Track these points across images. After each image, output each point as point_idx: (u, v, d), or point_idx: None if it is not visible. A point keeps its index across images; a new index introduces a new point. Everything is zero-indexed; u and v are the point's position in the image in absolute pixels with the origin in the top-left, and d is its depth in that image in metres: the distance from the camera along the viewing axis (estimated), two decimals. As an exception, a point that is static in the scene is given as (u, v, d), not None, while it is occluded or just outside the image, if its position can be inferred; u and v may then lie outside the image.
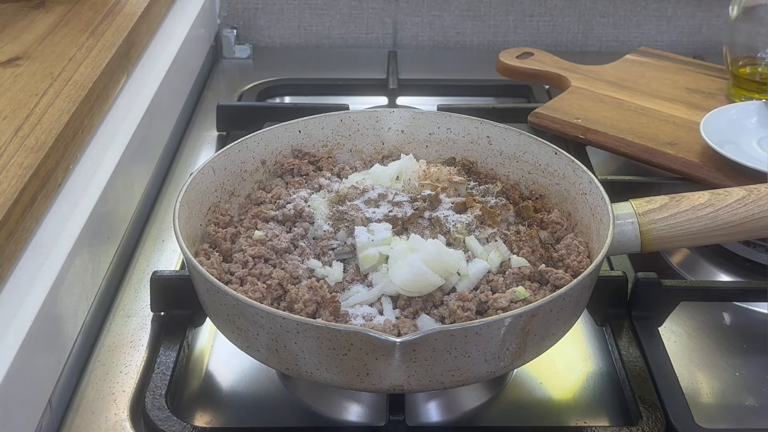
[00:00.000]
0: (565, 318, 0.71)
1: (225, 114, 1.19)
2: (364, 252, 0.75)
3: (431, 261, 0.71)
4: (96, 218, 0.83)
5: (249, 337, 0.69)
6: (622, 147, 1.04)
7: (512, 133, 0.89)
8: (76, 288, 0.78)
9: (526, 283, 0.74)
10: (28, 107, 0.86)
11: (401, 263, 0.72)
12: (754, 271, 0.92)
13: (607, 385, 0.79)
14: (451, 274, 0.73)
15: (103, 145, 0.92)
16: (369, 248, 0.75)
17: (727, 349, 0.83)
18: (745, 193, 0.78)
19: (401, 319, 0.71)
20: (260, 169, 0.89)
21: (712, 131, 0.99)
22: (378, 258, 0.74)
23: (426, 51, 1.49)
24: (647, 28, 1.47)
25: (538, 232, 0.80)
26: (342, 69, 1.39)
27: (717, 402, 0.78)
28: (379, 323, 0.70)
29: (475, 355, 0.66)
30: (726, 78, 1.18)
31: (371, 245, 0.75)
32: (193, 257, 0.72)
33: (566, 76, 1.20)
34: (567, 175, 0.84)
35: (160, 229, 0.99)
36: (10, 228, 0.70)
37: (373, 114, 0.93)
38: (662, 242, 0.78)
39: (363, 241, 0.75)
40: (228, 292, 0.67)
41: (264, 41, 1.49)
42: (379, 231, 0.76)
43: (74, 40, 1.02)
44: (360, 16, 1.48)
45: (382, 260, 0.75)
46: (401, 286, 0.71)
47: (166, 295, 0.83)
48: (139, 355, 0.80)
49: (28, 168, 0.76)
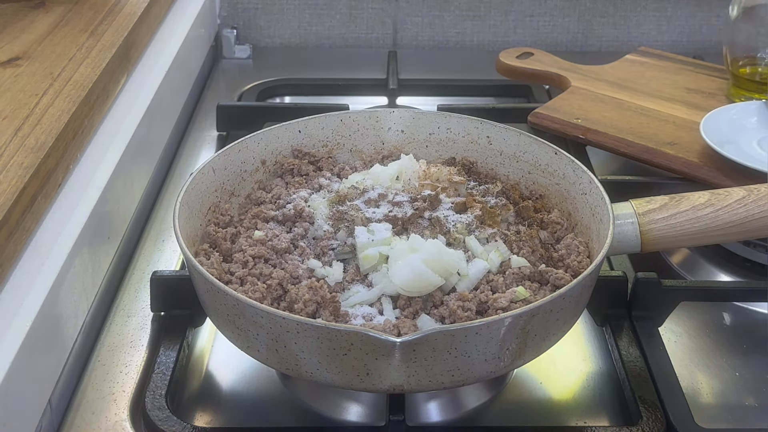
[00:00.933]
0: (565, 318, 0.71)
1: (225, 114, 1.19)
2: (364, 252, 0.75)
3: (431, 261, 0.71)
4: (96, 218, 0.83)
5: (249, 337, 0.69)
6: (622, 147, 1.04)
7: (512, 133, 0.89)
8: (76, 288, 0.78)
9: (526, 283, 0.74)
10: (28, 107, 0.86)
11: (401, 263, 0.72)
12: (754, 271, 0.92)
13: (607, 385, 0.79)
14: (451, 274, 0.73)
15: (103, 145, 0.92)
16: (369, 248, 0.75)
17: (727, 349, 0.83)
18: (745, 193, 0.78)
19: (401, 319, 0.71)
20: (260, 169, 0.88)
21: (712, 131, 0.99)
22: (378, 258, 0.74)
23: (426, 51, 1.49)
24: (647, 28, 1.47)
25: (538, 232, 0.80)
26: (342, 69, 1.39)
27: (717, 402, 0.78)
28: (379, 323, 0.70)
29: (475, 355, 0.66)
30: (726, 78, 1.17)
31: (371, 245, 0.75)
32: (193, 257, 0.72)
33: (566, 76, 1.20)
34: (567, 175, 0.84)
35: (160, 229, 0.99)
36: (10, 228, 0.70)
37: (373, 114, 0.93)
38: (662, 242, 0.78)
39: (363, 241, 0.75)
40: (228, 292, 0.67)
41: (264, 41, 1.49)
42: (379, 231, 0.76)
43: (74, 40, 1.02)
44: (360, 16, 1.48)
45: (382, 260, 0.75)
46: (401, 286, 0.71)
47: (166, 295, 0.83)
48: (139, 355, 0.80)
49: (28, 168, 0.76)
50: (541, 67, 1.23)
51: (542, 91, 1.29)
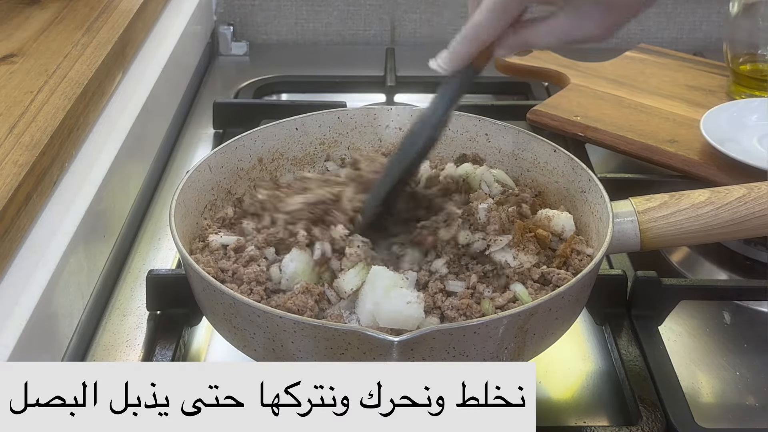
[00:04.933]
0: (564, 317, 0.71)
1: (221, 111, 1.19)
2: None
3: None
4: (91, 216, 0.83)
5: (245, 337, 0.68)
6: (622, 144, 1.04)
7: (511, 130, 0.89)
8: (72, 287, 0.78)
9: (528, 282, 0.73)
10: (23, 105, 0.85)
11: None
12: (754, 269, 0.92)
13: (606, 385, 0.79)
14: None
15: (98, 143, 0.91)
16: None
17: (727, 349, 0.83)
18: (746, 191, 0.77)
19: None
20: (257, 167, 0.88)
21: (713, 129, 0.99)
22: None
23: (424, 48, 1.48)
24: (647, 25, 1.47)
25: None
26: (339, 66, 1.39)
27: (717, 402, 0.77)
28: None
29: (473, 354, 0.65)
30: (726, 75, 1.17)
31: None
32: (190, 255, 0.71)
33: (565, 73, 1.20)
34: (566, 173, 0.83)
35: (156, 227, 0.99)
36: (5, 226, 0.70)
37: (370, 111, 0.93)
38: (662, 240, 0.78)
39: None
40: (225, 291, 0.67)
41: (261, 38, 1.49)
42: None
43: (69, 37, 1.01)
44: (357, 12, 1.47)
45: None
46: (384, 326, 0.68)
47: (162, 294, 0.82)
48: (135, 355, 0.80)
49: (23, 166, 0.75)
50: (540, 64, 1.23)
51: (541, 89, 1.28)
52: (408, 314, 0.66)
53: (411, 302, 0.67)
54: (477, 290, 0.72)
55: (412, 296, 0.68)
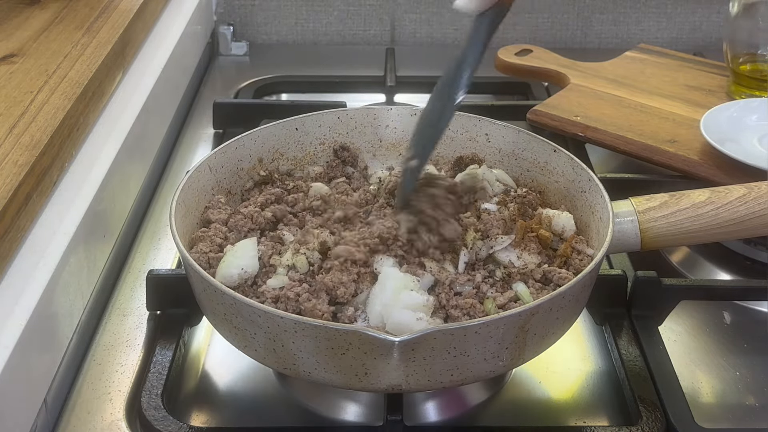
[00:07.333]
0: (564, 317, 0.70)
1: (221, 111, 1.19)
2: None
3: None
4: (91, 216, 0.83)
5: (246, 337, 0.68)
6: (622, 144, 1.04)
7: (511, 130, 0.89)
8: (72, 287, 0.78)
9: (529, 282, 0.73)
10: (23, 105, 0.85)
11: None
12: (754, 269, 0.92)
13: (606, 385, 0.78)
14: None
15: (98, 143, 0.91)
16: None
17: (727, 349, 0.83)
18: (746, 191, 0.77)
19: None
20: (257, 167, 0.88)
21: (713, 129, 0.99)
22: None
23: (424, 48, 1.49)
24: (647, 25, 1.47)
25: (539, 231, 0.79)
26: (339, 66, 1.39)
27: (717, 402, 0.77)
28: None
29: (474, 354, 0.65)
30: (726, 75, 1.17)
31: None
32: (190, 255, 0.71)
33: (565, 73, 1.20)
34: (566, 173, 0.83)
35: (156, 227, 0.99)
36: (5, 226, 0.70)
37: (370, 111, 0.93)
38: (662, 240, 0.78)
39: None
40: (225, 291, 0.67)
41: (261, 38, 1.49)
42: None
43: (69, 37, 1.01)
44: (357, 12, 1.47)
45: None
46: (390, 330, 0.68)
47: (162, 294, 0.82)
48: (135, 355, 0.80)
49: (23, 166, 0.75)
50: (540, 64, 1.23)
51: (541, 89, 1.28)
52: (416, 330, 0.65)
53: (421, 319, 0.66)
54: (480, 290, 0.72)
55: (422, 303, 0.68)
